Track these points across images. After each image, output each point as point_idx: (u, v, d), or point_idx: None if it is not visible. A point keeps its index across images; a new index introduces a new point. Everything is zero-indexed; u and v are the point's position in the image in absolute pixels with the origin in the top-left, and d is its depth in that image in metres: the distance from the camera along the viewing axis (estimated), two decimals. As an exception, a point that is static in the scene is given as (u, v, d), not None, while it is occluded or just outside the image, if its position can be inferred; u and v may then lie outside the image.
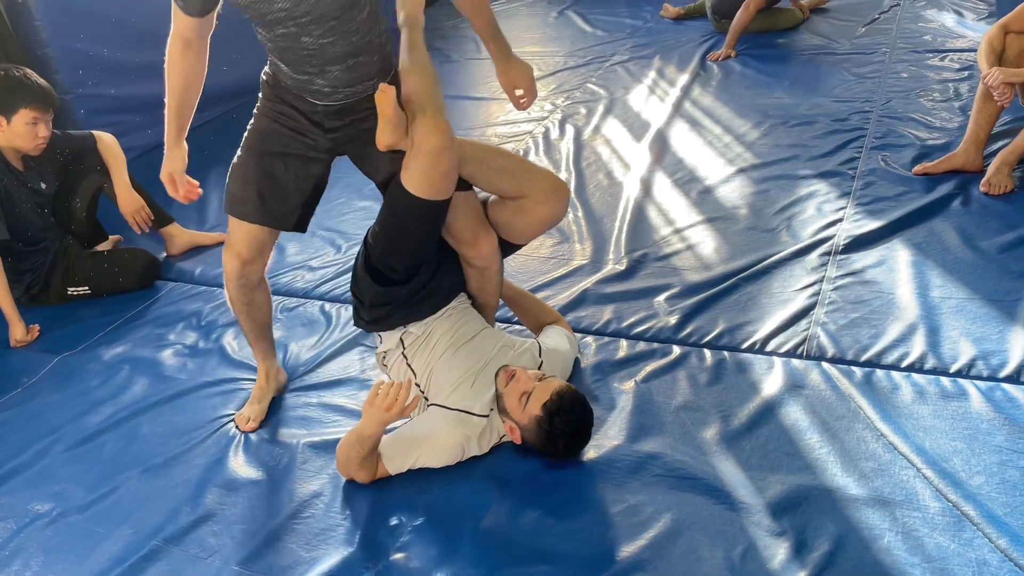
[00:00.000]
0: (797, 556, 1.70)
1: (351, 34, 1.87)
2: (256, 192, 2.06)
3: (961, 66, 4.01)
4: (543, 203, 2.11)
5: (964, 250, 2.62)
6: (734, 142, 3.62)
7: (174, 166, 2.13)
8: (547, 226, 2.21)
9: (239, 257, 2.12)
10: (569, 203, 2.18)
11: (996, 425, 1.95)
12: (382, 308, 2.14)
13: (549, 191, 2.11)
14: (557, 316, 2.46)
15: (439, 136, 1.89)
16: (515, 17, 6.03)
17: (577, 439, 1.99)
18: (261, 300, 2.25)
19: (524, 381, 1.99)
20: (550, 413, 1.93)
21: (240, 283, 2.16)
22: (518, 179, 2.09)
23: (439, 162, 1.90)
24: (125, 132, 3.65)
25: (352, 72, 1.94)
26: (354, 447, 1.95)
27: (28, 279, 3.00)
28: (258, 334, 2.32)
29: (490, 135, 4.02)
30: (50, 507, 2.10)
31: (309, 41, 1.85)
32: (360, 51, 1.92)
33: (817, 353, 2.27)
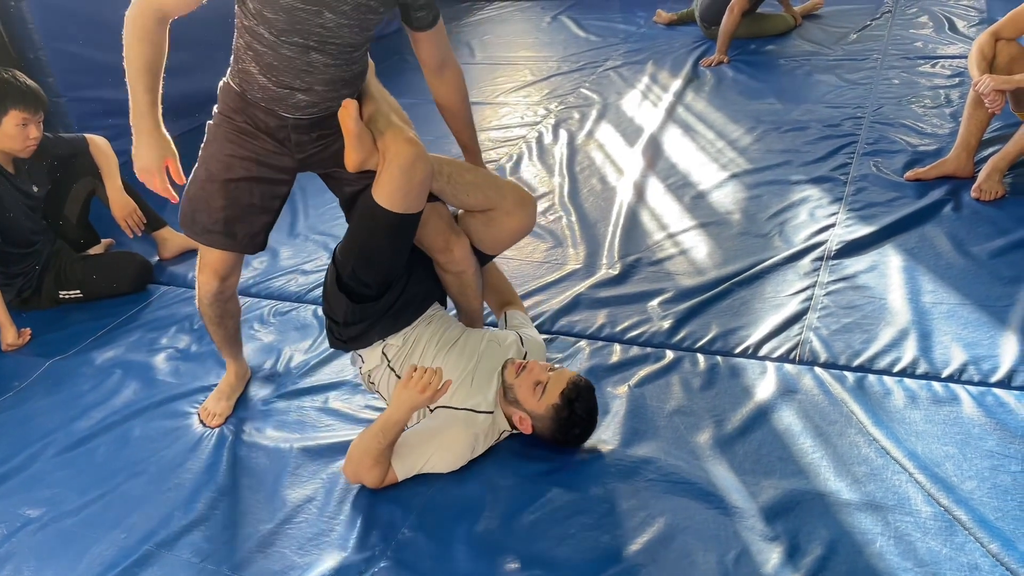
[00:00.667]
0: (790, 560, 1.70)
1: (355, 62, 1.92)
2: (223, 220, 2.02)
3: (952, 72, 4.04)
4: (510, 215, 2.14)
5: (955, 255, 2.63)
6: (727, 147, 3.63)
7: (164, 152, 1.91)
8: (516, 237, 2.23)
9: (216, 275, 2.11)
10: (536, 214, 2.21)
11: (987, 430, 1.96)
12: (358, 325, 2.10)
13: (516, 203, 2.14)
14: (515, 294, 2.51)
15: (411, 147, 1.90)
16: (509, 22, 6.05)
17: (590, 425, 2.03)
18: (233, 309, 2.27)
19: (538, 371, 2.01)
20: (570, 400, 1.96)
21: (217, 300, 2.17)
22: (485, 192, 2.12)
23: (412, 174, 1.90)
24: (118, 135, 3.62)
25: (335, 92, 1.93)
26: (376, 438, 1.91)
27: (20, 283, 2.99)
28: (227, 341, 2.34)
29: (483, 140, 4.02)
30: (42, 512, 2.09)
31: (317, 59, 1.84)
32: (354, 76, 1.95)
33: (810, 358, 2.28)
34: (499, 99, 4.55)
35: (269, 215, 2.09)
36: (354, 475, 1.98)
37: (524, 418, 2.02)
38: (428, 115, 4.35)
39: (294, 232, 3.35)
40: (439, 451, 1.99)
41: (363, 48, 1.92)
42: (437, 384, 1.89)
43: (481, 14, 6.36)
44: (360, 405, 2.32)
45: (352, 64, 1.91)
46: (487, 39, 5.71)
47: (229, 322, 2.28)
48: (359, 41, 1.87)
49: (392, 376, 2.13)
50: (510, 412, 2.05)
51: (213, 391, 2.41)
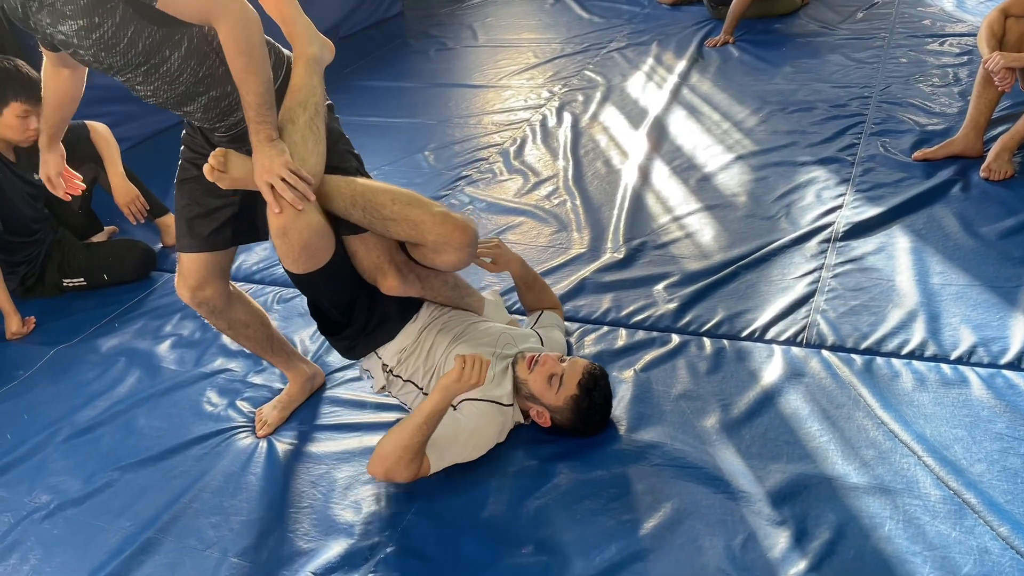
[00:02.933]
0: (798, 545, 1.69)
1: (174, 78, 1.76)
2: (184, 222, 2.01)
3: (961, 51, 3.99)
4: (437, 253, 1.90)
5: (964, 236, 2.61)
6: (732, 129, 3.60)
7: (48, 169, 2.16)
8: (451, 268, 2.01)
9: (186, 285, 2.05)
10: (470, 247, 1.90)
11: (997, 412, 1.94)
12: (344, 342, 2.10)
13: (440, 242, 1.87)
14: (557, 303, 2.46)
15: (276, 217, 1.76)
16: (511, 3, 6.00)
17: (607, 411, 2.04)
18: (242, 319, 2.16)
19: (551, 364, 2.00)
20: (587, 390, 1.96)
21: (203, 310, 2.10)
22: (405, 230, 1.88)
23: (287, 242, 1.78)
24: (119, 122, 3.62)
25: (213, 109, 1.84)
26: (420, 430, 1.81)
27: (23, 271, 2.98)
28: (263, 349, 2.24)
29: (486, 123, 3.99)
30: (48, 500, 2.09)
31: (141, 90, 1.80)
32: (200, 90, 1.81)
33: (817, 341, 2.26)
34: (502, 82, 4.51)
35: (231, 208, 2.01)
36: (386, 473, 1.84)
37: (542, 411, 2.01)
38: (429, 99, 4.37)
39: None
40: (471, 444, 1.95)
41: (167, 60, 1.73)
42: (486, 370, 1.84)
43: (484, -4, 6.30)
44: (365, 391, 2.31)
45: (176, 79, 1.76)
46: (489, 21, 5.66)
47: (246, 332, 2.18)
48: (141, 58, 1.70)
49: (409, 386, 2.09)
50: (526, 407, 2.04)
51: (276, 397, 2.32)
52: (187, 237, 2.02)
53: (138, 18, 1.64)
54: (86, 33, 1.64)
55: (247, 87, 1.72)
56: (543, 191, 3.31)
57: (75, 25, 1.62)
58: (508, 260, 2.31)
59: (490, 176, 3.49)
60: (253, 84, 1.72)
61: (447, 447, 1.91)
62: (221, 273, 2.08)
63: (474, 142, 3.80)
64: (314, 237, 1.81)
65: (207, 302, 2.08)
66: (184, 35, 1.73)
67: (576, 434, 2.02)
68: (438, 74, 4.81)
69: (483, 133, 3.89)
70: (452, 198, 3.34)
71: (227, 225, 2.02)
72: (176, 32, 1.71)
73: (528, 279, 2.40)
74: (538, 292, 2.43)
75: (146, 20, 1.65)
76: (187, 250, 2.03)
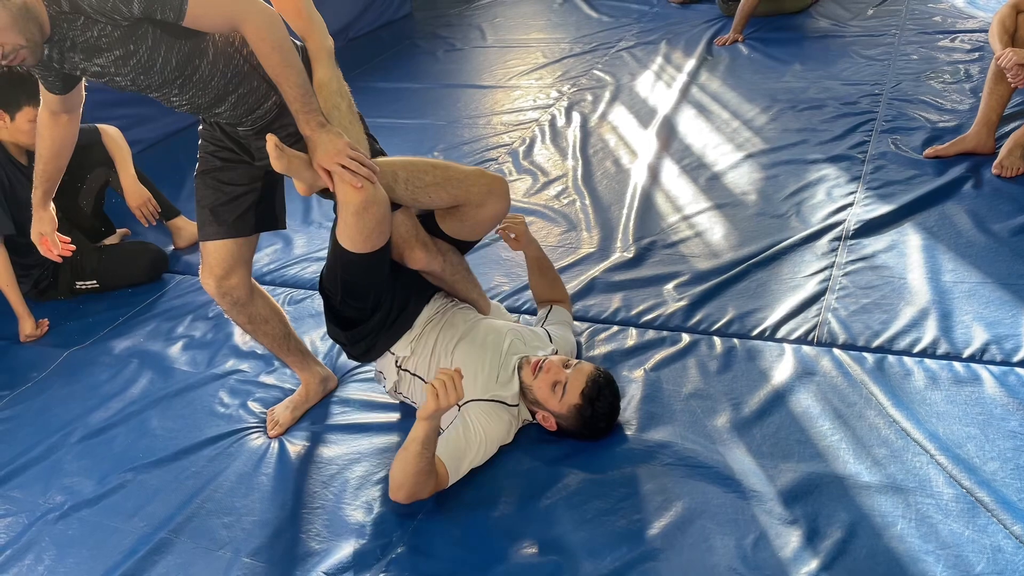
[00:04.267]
0: (809, 544, 1.69)
1: (206, 83, 1.82)
2: (208, 211, 2.04)
3: (972, 47, 3.97)
4: (481, 206, 2.03)
5: (976, 233, 2.59)
6: (742, 127, 3.59)
7: (42, 227, 2.17)
8: (493, 224, 2.13)
9: (211, 274, 2.08)
10: (508, 195, 2.07)
11: (1010, 410, 1.93)
12: (362, 343, 2.10)
13: (484, 193, 2.01)
14: (566, 295, 2.46)
15: (358, 193, 1.79)
16: (520, 4, 6.00)
17: (613, 417, 2.03)
18: (263, 313, 2.19)
19: (555, 371, 1.98)
20: (591, 399, 1.95)
21: (226, 302, 2.12)
22: (449, 190, 1.99)
23: (366, 219, 1.82)
24: (130, 125, 3.64)
25: (241, 106, 1.89)
26: (422, 455, 1.80)
27: (36, 274, 3.01)
28: (280, 347, 2.25)
29: (496, 123, 4.00)
30: (61, 501, 2.11)
31: (176, 100, 1.87)
32: (231, 89, 1.86)
33: (828, 339, 2.26)
34: (511, 82, 4.51)
35: (253, 195, 2.06)
36: (409, 496, 1.85)
37: (547, 416, 2.01)
38: (438, 99, 4.38)
39: (308, 220, 3.35)
40: (484, 447, 1.95)
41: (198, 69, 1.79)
42: (459, 381, 1.82)
43: (492, -4, 6.31)
44: (376, 391, 2.32)
45: (207, 84, 1.82)
46: (498, 22, 5.66)
47: (264, 328, 2.20)
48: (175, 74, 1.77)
49: (417, 381, 2.10)
50: (532, 410, 2.04)
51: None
52: (212, 225, 2.05)
53: (167, 37, 1.71)
54: (123, 62, 1.72)
55: (286, 81, 1.76)
56: (552, 191, 3.31)
57: (111, 56, 1.70)
58: (529, 240, 2.34)
59: (499, 176, 3.49)
60: (292, 77, 1.76)
61: (462, 457, 1.91)
62: (245, 263, 2.11)
63: (483, 142, 3.81)
64: (386, 212, 1.86)
65: (231, 292, 2.10)
66: (209, 42, 1.79)
67: (582, 439, 2.02)
68: (447, 75, 4.82)
69: (492, 133, 3.90)
70: (462, 198, 3.35)
71: (250, 211, 2.07)
72: (202, 41, 1.77)
73: (544, 264, 2.41)
74: (551, 280, 2.43)
75: (173, 37, 1.72)
76: (212, 238, 2.05)
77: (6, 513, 2.10)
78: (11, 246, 2.86)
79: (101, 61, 1.72)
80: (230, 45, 1.83)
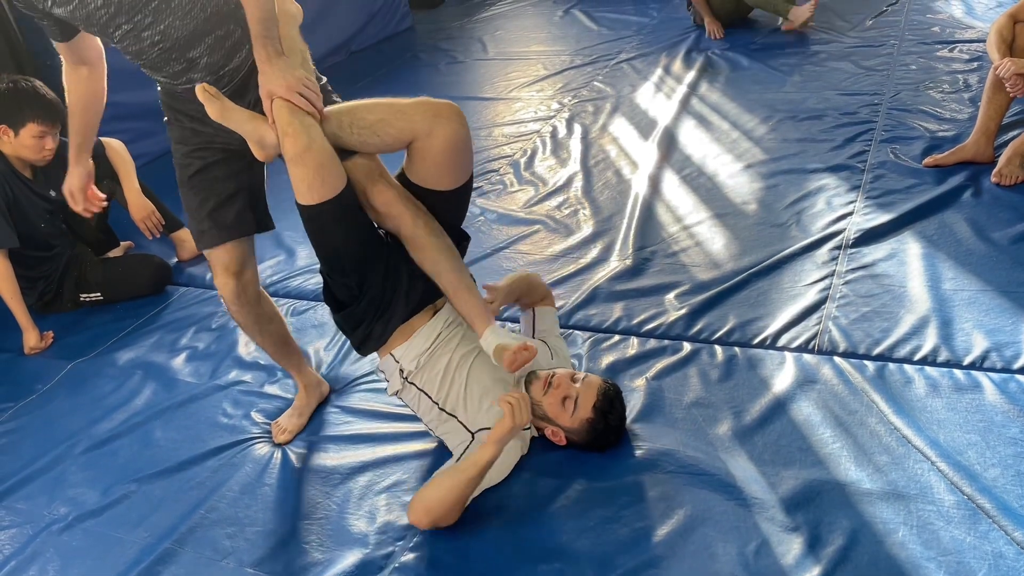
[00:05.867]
0: (811, 551, 1.69)
1: (185, 11, 1.80)
2: (205, 217, 2.03)
3: (970, 57, 3.99)
4: (432, 135, 1.89)
5: (976, 242, 2.60)
6: (742, 138, 3.61)
7: (71, 182, 2.20)
8: (453, 152, 1.93)
9: (228, 272, 2.07)
10: (460, 117, 1.91)
11: (1011, 417, 1.94)
12: (361, 329, 2.04)
13: (430, 118, 1.87)
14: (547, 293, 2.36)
15: (291, 139, 1.78)
16: (521, 17, 6.04)
17: (623, 428, 2.04)
18: (267, 312, 2.22)
19: (565, 386, 1.97)
20: (603, 413, 1.96)
21: (241, 302, 2.11)
22: (395, 125, 1.88)
23: (304, 164, 1.79)
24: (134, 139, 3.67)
25: (218, 51, 1.88)
26: (470, 485, 1.82)
27: (41, 286, 3.02)
28: (279, 350, 2.27)
29: (497, 135, 4.02)
30: (66, 512, 2.12)
31: (150, 35, 1.81)
32: (211, 27, 1.84)
33: (829, 348, 2.26)
34: (512, 94, 4.54)
35: (245, 195, 2.06)
36: (433, 523, 1.84)
37: (556, 431, 2.00)
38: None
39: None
40: (497, 472, 1.94)
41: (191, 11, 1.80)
42: (527, 404, 1.84)
43: (493, 9, 6.35)
44: (378, 401, 2.33)
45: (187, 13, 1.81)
46: (499, 34, 5.70)
47: (269, 327, 2.22)
48: None
49: (423, 396, 2.05)
50: (541, 426, 2.03)
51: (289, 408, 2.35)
52: (213, 230, 2.03)
53: None
54: None
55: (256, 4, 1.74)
56: (554, 201, 3.32)
57: None
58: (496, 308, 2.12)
59: (501, 187, 3.51)
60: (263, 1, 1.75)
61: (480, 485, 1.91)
62: (252, 258, 2.13)
63: (485, 154, 3.83)
64: (327, 158, 1.81)
65: (247, 288, 2.10)
66: None
67: (592, 451, 2.02)
68: (449, 87, 4.85)
69: (494, 145, 3.92)
70: (463, 210, 3.36)
71: (247, 210, 2.07)
72: None
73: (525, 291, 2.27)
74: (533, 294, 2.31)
75: None
76: (216, 243, 2.04)
77: (11, 524, 2.11)
78: (15, 259, 2.88)
79: None
80: None
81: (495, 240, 3.09)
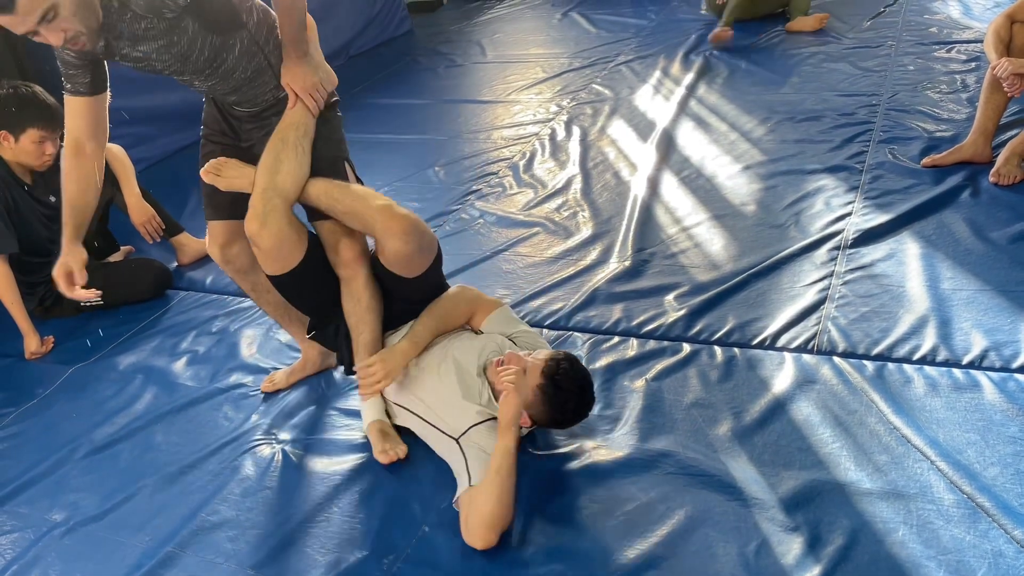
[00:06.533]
0: (811, 551, 1.69)
1: (229, 75, 2.01)
2: (207, 195, 2.22)
3: (968, 57, 4.00)
4: (382, 244, 2.04)
5: (974, 241, 2.61)
6: (740, 139, 3.62)
7: (69, 260, 2.07)
8: (400, 262, 2.06)
9: (215, 243, 2.27)
10: (414, 239, 2.02)
11: (1010, 416, 1.94)
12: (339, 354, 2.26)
13: (382, 231, 2.01)
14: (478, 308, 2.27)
15: (249, 223, 2.01)
16: (519, 20, 6.05)
17: (584, 395, 1.97)
18: (264, 282, 2.28)
19: (516, 360, 1.96)
20: (550, 375, 1.91)
21: (229, 269, 2.30)
22: (357, 222, 2.06)
23: (257, 247, 2.04)
24: (133, 144, 3.68)
25: (250, 92, 2.08)
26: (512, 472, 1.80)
27: (41, 291, 3.03)
28: (282, 315, 2.40)
29: (496, 138, 4.03)
30: (67, 516, 2.12)
31: (199, 86, 2.06)
32: (248, 81, 2.05)
33: (828, 348, 2.27)
34: (511, 97, 4.55)
35: None
36: (500, 534, 1.79)
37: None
38: (439, 115, 4.41)
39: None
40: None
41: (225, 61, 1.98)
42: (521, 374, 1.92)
43: (491, 13, 6.36)
44: (378, 405, 2.33)
45: (230, 75, 2.01)
46: (498, 38, 5.71)
47: (266, 296, 2.35)
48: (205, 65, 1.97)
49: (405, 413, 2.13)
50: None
51: None
52: (211, 207, 2.24)
53: (203, 31, 1.91)
54: (165, 50, 1.90)
55: (289, 18, 1.95)
56: (553, 204, 3.33)
57: (155, 44, 1.89)
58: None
59: (500, 190, 3.51)
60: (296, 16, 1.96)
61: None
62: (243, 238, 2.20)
63: (484, 156, 3.84)
64: (280, 238, 2.02)
65: (234, 260, 2.28)
66: (237, 39, 1.97)
67: (557, 426, 2.01)
68: (447, 90, 4.86)
69: (492, 148, 3.93)
70: (462, 212, 3.37)
71: (242, 197, 2.13)
72: (231, 38, 1.96)
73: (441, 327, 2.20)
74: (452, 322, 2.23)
75: (208, 31, 1.91)
76: (212, 218, 2.25)
77: (12, 529, 2.11)
78: (16, 264, 2.89)
79: (144, 48, 1.89)
80: (254, 43, 2.00)
81: (494, 243, 3.09)
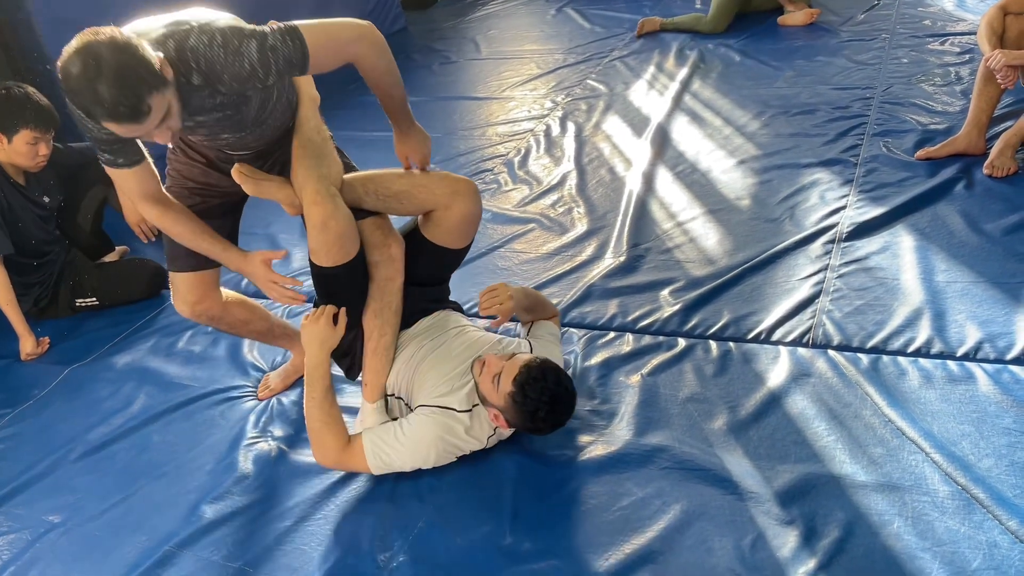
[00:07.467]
0: (807, 544, 1.70)
1: (266, 122, 1.94)
2: (175, 244, 2.07)
3: (962, 50, 4.00)
4: (449, 208, 2.08)
5: (968, 233, 2.61)
6: (735, 133, 3.62)
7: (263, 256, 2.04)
8: (466, 224, 2.12)
9: (185, 302, 2.18)
10: (477, 196, 2.10)
11: (1004, 407, 1.95)
12: (345, 359, 2.21)
13: (449, 195, 2.06)
14: (554, 311, 2.40)
15: (318, 208, 1.92)
16: (513, 16, 6.04)
17: (557, 406, 1.92)
18: (240, 317, 2.28)
19: (494, 363, 1.95)
20: (521, 385, 1.88)
21: (202, 320, 2.24)
22: (417, 197, 2.07)
23: (326, 232, 1.94)
24: (128, 143, 3.67)
25: (269, 135, 2.01)
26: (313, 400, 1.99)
27: (36, 292, 3.02)
28: (267, 338, 2.41)
29: (491, 134, 4.02)
30: (65, 517, 2.12)
31: (227, 139, 1.93)
32: (273, 128, 1.99)
33: (823, 341, 2.27)
34: (506, 93, 4.54)
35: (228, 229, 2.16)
36: (323, 456, 2.01)
37: (497, 415, 1.96)
38: (434, 112, 4.40)
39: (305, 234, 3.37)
40: (410, 449, 1.96)
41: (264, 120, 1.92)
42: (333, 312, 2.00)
43: (485, 9, 6.35)
44: (375, 402, 2.33)
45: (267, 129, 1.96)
46: (492, 34, 5.70)
47: (246, 329, 2.32)
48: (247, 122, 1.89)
49: (401, 404, 2.13)
50: (487, 411, 2.00)
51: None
52: (180, 259, 2.13)
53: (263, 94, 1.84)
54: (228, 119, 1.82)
55: (395, 92, 1.99)
56: (548, 200, 3.33)
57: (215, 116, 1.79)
58: (510, 309, 2.15)
59: (495, 186, 3.51)
60: (399, 91, 2.00)
61: (385, 442, 1.97)
62: (214, 285, 2.21)
63: (479, 153, 3.83)
64: (347, 227, 1.97)
65: (205, 313, 2.22)
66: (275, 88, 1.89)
67: (531, 432, 2.00)
68: (442, 87, 4.85)
69: (488, 144, 3.93)
70: (458, 209, 3.37)
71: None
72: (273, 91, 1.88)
73: (529, 305, 2.29)
74: (539, 310, 2.35)
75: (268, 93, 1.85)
76: (181, 270, 2.15)
77: (9, 530, 2.11)
78: (10, 265, 2.88)
79: (201, 119, 1.79)
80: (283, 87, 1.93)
81: (490, 239, 3.09)
